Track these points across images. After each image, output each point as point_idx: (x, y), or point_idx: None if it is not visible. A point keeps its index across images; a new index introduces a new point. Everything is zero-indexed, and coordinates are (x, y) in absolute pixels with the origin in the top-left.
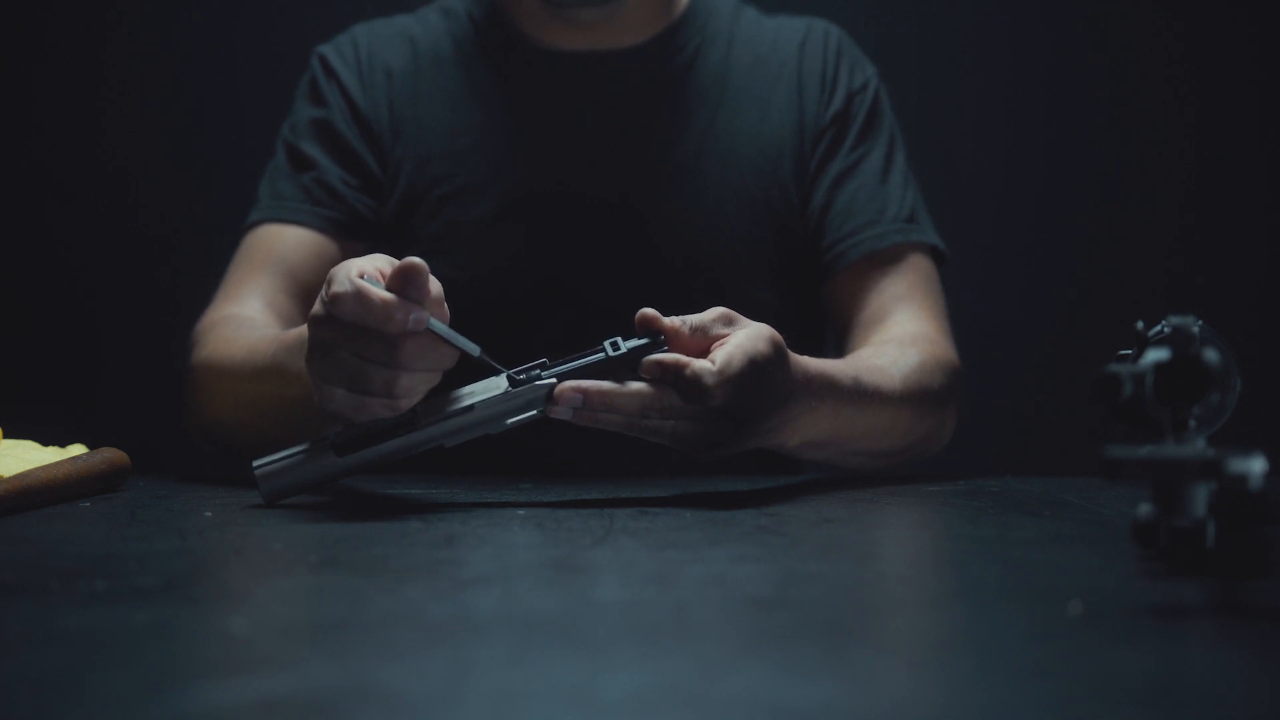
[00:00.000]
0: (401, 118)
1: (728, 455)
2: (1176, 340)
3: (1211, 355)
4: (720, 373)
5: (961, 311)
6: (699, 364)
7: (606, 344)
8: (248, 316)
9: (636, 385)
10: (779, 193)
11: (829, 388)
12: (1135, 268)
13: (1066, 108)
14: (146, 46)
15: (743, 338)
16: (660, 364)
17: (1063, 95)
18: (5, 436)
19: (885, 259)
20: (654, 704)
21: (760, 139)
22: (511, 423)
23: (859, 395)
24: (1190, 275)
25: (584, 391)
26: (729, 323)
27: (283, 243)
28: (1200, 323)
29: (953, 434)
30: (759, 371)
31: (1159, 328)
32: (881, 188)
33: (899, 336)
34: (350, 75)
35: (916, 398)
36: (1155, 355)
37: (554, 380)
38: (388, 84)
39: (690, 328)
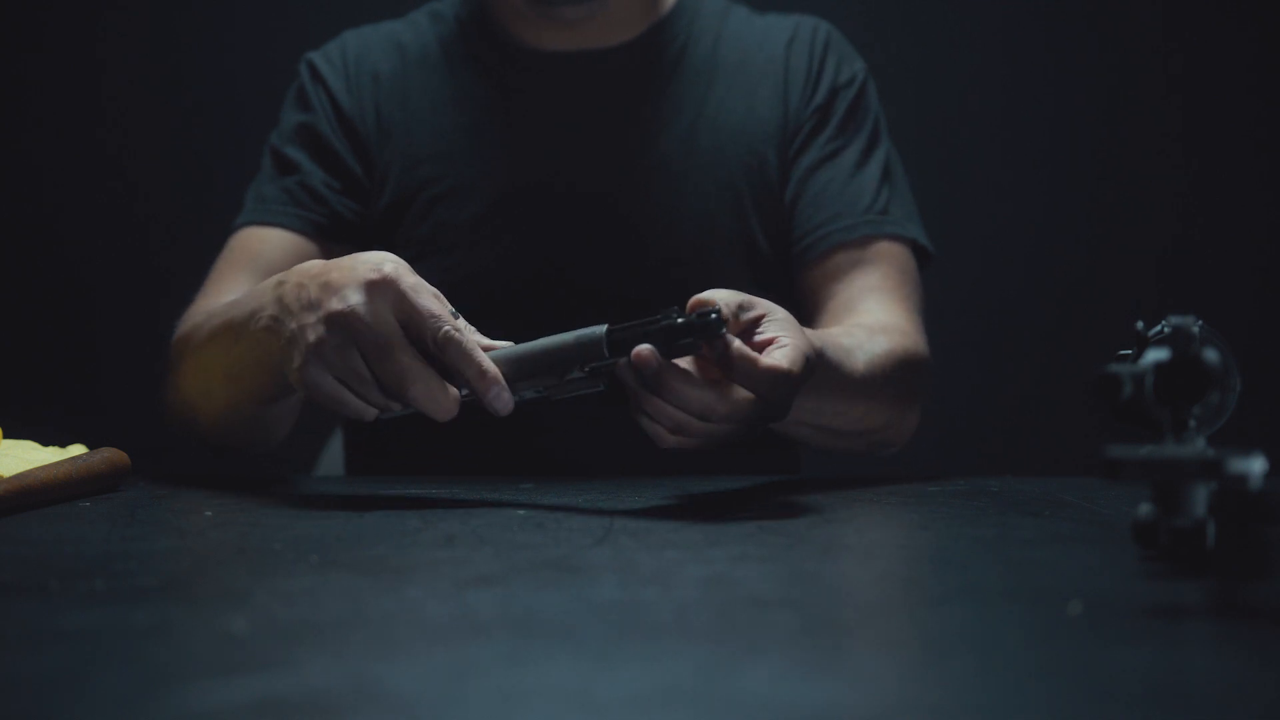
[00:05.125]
0: (390, 121)
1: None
2: (1176, 340)
3: (1211, 355)
4: (798, 376)
5: (960, 312)
6: (773, 364)
7: (673, 312)
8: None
9: (703, 387)
10: (765, 187)
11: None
12: (1135, 268)
13: (1065, 108)
14: (146, 46)
15: (795, 336)
16: (740, 354)
17: (1062, 95)
18: (5, 436)
19: (855, 251)
20: (654, 704)
21: (746, 134)
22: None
23: (828, 369)
24: (1190, 275)
25: (653, 369)
26: (750, 307)
27: (264, 244)
28: (1200, 323)
29: (914, 431)
30: (814, 369)
31: (1159, 328)
32: (853, 180)
33: (870, 325)
34: (337, 79)
35: (879, 384)
36: (1155, 355)
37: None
38: (374, 87)
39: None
